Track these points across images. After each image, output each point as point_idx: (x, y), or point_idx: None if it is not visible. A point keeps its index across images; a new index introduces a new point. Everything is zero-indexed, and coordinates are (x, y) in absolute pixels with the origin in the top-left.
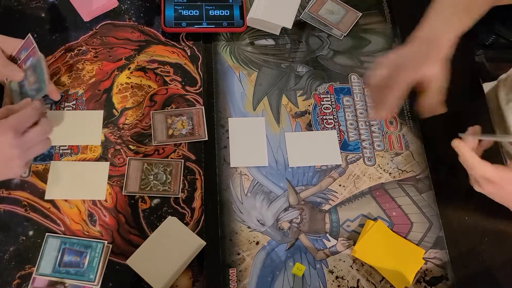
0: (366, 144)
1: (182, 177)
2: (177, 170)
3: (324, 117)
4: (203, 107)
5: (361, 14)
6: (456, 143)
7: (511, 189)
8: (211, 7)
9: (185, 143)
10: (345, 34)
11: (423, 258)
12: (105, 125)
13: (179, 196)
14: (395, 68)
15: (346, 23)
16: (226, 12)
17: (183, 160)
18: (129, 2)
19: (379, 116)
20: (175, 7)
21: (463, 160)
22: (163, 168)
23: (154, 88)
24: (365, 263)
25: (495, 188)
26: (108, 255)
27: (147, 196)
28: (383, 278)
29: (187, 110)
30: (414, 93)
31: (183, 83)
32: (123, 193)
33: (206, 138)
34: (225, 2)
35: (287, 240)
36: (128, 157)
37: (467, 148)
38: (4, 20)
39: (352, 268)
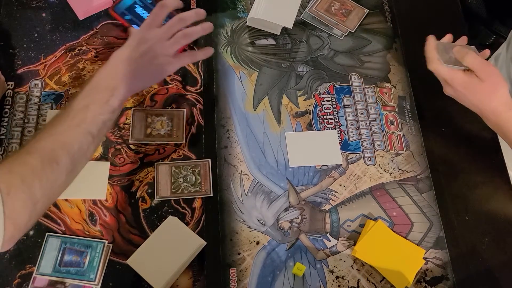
0: (366, 144)
1: (211, 176)
2: (205, 170)
3: (325, 117)
4: (184, 109)
5: (368, 10)
6: (428, 37)
7: (466, 93)
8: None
9: (185, 143)
10: (353, 31)
11: (423, 258)
12: None
13: (212, 195)
14: None
15: (353, 20)
16: None
17: (210, 160)
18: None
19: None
20: None
21: (425, 52)
22: (191, 169)
23: (155, 88)
24: (366, 263)
25: (455, 92)
26: (109, 254)
27: (181, 199)
28: (384, 278)
29: (168, 111)
30: (416, 93)
31: (183, 82)
32: (155, 200)
33: (184, 141)
34: None
35: (288, 240)
36: (155, 163)
37: (434, 43)
38: (5, 20)
39: (353, 268)
